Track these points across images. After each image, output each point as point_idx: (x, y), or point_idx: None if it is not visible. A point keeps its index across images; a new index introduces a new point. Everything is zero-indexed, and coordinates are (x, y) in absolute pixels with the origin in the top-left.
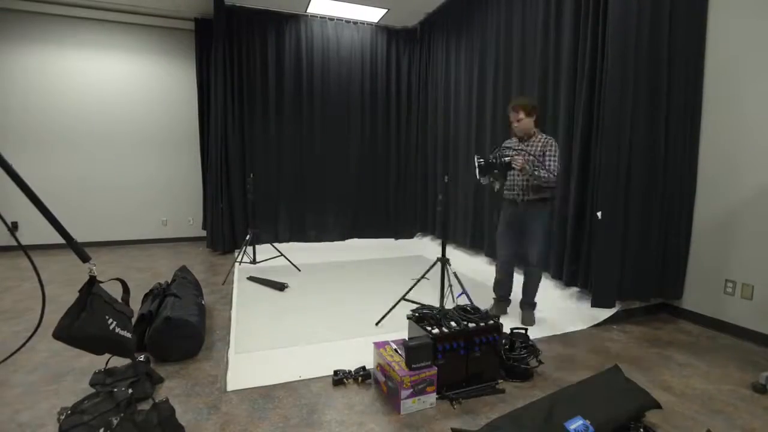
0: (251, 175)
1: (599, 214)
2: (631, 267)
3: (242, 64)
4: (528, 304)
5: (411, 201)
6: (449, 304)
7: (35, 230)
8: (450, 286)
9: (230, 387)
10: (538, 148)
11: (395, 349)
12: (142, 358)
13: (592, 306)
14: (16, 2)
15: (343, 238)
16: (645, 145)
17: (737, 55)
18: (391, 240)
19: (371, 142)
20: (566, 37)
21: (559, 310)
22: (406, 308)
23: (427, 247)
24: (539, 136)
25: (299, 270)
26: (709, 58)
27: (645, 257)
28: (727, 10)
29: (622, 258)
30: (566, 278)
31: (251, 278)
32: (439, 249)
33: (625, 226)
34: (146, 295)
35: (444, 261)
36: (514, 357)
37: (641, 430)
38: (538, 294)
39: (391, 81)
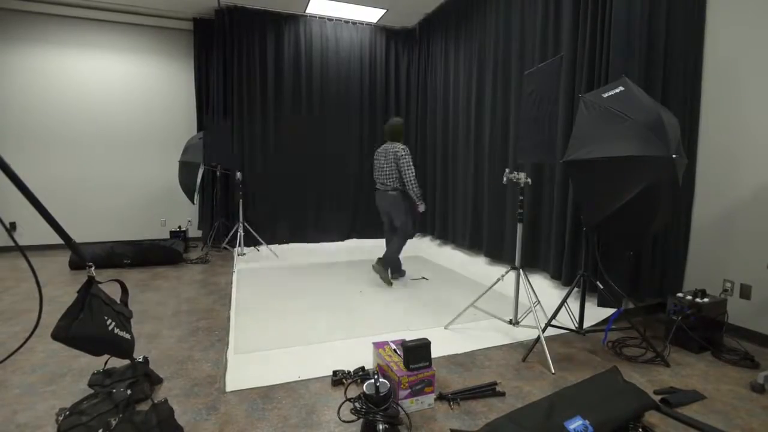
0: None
1: None
2: (632, 267)
3: (242, 64)
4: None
5: (410, 201)
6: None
7: (33, 231)
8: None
9: (229, 387)
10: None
11: (394, 350)
12: (141, 358)
13: (598, 305)
14: (16, 2)
15: (342, 238)
16: None
17: (736, 55)
18: None
19: (370, 143)
20: (565, 37)
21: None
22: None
23: (426, 247)
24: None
25: (277, 256)
26: (708, 58)
27: (645, 257)
28: (726, 9)
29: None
30: (564, 279)
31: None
32: (438, 250)
33: None
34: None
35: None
36: None
37: (640, 430)
38: (538, 293)
39: (390, 81)
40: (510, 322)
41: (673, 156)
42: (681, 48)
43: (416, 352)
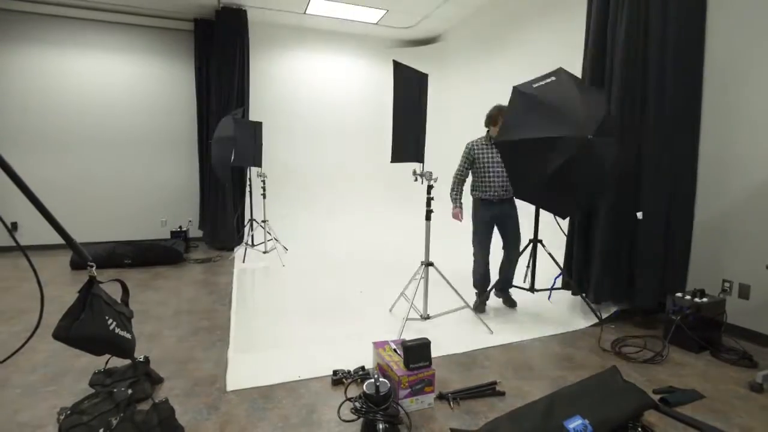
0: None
1: (639, 214)
2: (635, 267)
3: (243, 65)
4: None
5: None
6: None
7: (35, 231)
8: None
9: (230, 387)
10: None
11: (394, 349)
12: (141, 358)
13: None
14: (16, 3)
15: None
16: (648, 148)
17: (736, 56)
18: None
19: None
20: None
21: (558, 311)
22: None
23: None
24: None
25: (286, 249)
26: (708, 59)
27: (649, 258)
28: (726, 10)
29: (629, 259)
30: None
31: None
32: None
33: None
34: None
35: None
36: None
37: (639, 429)
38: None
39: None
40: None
41: (589, 137)
42: (681, 48)
43: (416, 351)
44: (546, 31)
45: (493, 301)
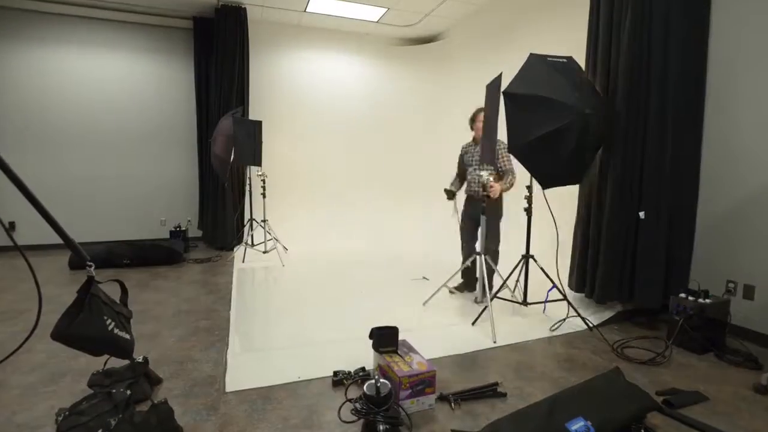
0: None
1: (642, 214)
2: (638, 267)
3: (243, 63)
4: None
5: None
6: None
7: (33, 230)
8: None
9: (229, 388)
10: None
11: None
12: (140, 359)
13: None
14: (16, 1)
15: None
16: (651, 147)
17: (739, 55)
18: None
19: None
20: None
21: (560, 311)
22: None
23: None
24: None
25: (287, 249)
26: (712, 58)
27: (651, 258)
28: (729, 8)
29: (632, 259)
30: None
31: None
32: None
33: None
34: None
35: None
36: None
37: (642, 431)
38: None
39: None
40: (475, 300)
41: (587, 112)
42: (684, 47)
43: (386, 337)
44: (548, 29)
45: (495, 302)
